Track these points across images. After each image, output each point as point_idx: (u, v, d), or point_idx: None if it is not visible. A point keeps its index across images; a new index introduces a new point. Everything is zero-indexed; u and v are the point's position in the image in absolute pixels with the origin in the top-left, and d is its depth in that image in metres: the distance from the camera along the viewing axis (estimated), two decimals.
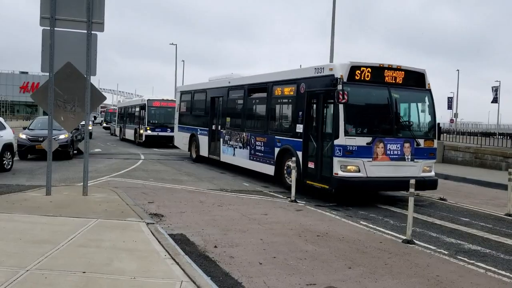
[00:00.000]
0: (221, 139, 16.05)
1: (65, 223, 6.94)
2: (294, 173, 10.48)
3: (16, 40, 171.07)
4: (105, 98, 9.82)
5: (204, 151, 17.60)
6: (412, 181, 7.35)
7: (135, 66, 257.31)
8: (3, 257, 5.20)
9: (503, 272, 6.02)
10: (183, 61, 52.88)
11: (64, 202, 8.46)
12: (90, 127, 28.60)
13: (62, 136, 16.88)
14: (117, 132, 35.27)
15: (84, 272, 4.82)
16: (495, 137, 24.32)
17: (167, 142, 25.32)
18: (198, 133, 18.12)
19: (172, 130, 22.87)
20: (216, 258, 6.05)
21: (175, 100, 23.76)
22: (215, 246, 6.57)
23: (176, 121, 20.84)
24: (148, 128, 25.66)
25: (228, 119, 15.82)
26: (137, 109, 28.55)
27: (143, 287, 4.56)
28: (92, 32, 9.13)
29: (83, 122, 32.88)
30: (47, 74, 9.08)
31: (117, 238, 6.23)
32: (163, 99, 27.07)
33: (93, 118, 37.23)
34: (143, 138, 25.98)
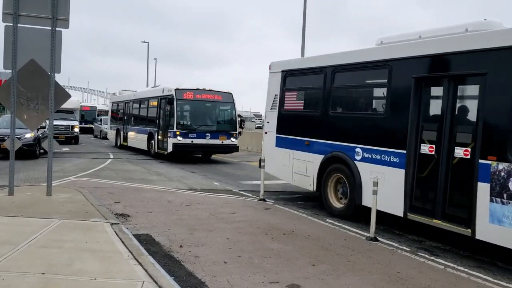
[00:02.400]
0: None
1: (27, 223, 6.79)
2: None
3: None
4: (70, 96, 9.63)
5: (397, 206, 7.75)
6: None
7: (106, 64, 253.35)
8: None
9: (461, 268, 6.21)
10: (155, 59, 52.27)
11: (27, 202, 8.27)
12: (76, 129, 27.12)
13: (28, 135, 16.46)
14: (111, 136, 27.35)
15: (44, 274, 4.74)
16: None
17: (207, 154, 20.12)
18: (363, 157, 8.41)
19: (216, 136, 18.35)
20: (181, 258, 6.03)
21: (221, 92, 19.04)
22: (181, 246, 6.55)
23: (272, 126, 10.99)
24: (177, 133, 17.54)
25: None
26: (155, 103, 20.14)
27: (103, 287, 4.51)
28: (57, 28, 8.95)
29: (73, 123, 28.68)
30: (7, 70, 8.89)
31: (79, 239, 6.14)
32: (203, 90, 18.54)
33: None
34: (169, 148, 17.80)
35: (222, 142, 18.41)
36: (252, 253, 6.36)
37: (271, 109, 11.13)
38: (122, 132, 24.77)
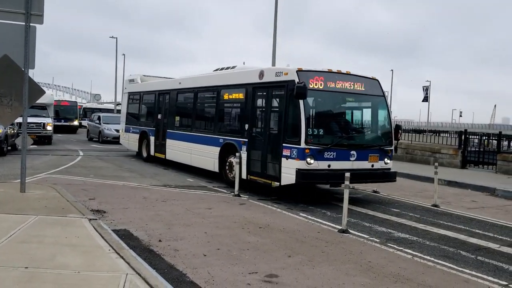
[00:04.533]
0: None
1: (3, 219, 6.75)
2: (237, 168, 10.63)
3: None
4: (44, 92, 9.55)
5: None
6: (347, 174, 7.82)
7: (70, 59, 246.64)
8: None
9: (428, 257, 6.60)
10: (124, 55, 51.42)
11: (0, 199, 8.19)
12: (49, 127, 23.14)
13: None
14: (128, 142, 19.29)
15: (27, 268, 4.80)
16: (425, 134, 25.88)
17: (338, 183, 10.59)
18: None
19: (364, 156, 10.60)
20: (161, 251, 6.17)
21: (364, 77, 11.11)
22: (160, 240, 6.68)
23: None
24: (307, 151, 9.73)
25: None
26: (240, 96, 12.23)
27: (88, 280, 4.61)
28: (31, 24, 8.86)
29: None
30: None
31: (59, 234, 6.18)
32: (338, 73, 10.67)
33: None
34: (287, 176, 10.01)
35: (373, 165, 10.68)
36: (230, 246, 6.55)
37: None
38: (153, 138, 16.64)
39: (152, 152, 16.82)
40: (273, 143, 10.57)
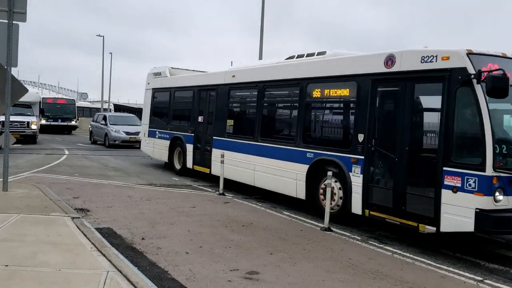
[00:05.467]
0: None
1: None
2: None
3: None
4: (27, 90, 9.51)
5: None
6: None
7: (55, 57, 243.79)
8: None
9: (407, 254, 6.72)
10: (111, 53, 51.01)
11: None
12: (34, 126, 22.14)
13: None
14: (153, 149, 15.64)
15: (7, 266, 4.80)
16: None
17: None
18: None
19: None
20: (144, 249, 6.20)
21: None
22: (143, 238, 6.71)
23: None
24: (495, 182, 6.32)
25: None
26: (344, 93, 8.84)
27: (68, 278, 4.63)
28: (14, 22, 8.81)
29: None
30: None
31: (41, 233, 6.18)
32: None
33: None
34: (468, 219, 6.35)
35: None
36: (212, 244, 6.61)
37: None
38: (191, 147, 13.18)
39: (189, 164, 13.27)
40: (421, 165, 7.33)
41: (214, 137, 12.16)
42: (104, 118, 24.77)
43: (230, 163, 11.07)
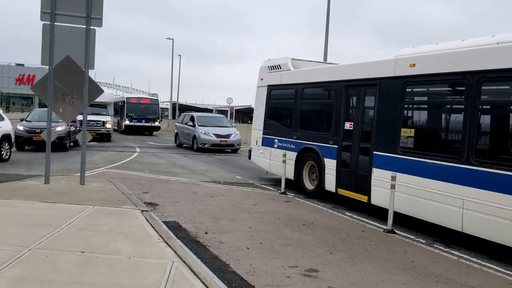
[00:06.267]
0: None
1: (63, 209, 7.31)
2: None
3: (12, 32, 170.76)
4: (102, 91, 10.16)
5: None
6: None
7: (127, 60, 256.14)
8: (7, 238, 5.56)
9: (475, 259, 6.45)
10: (180, 55, 52.94)
11: (62, 190, 8.82)
12: (109, 125, 23.21)
13: (59, 128, 17.14)
14: (269, 161, 12.41)
15: (83, 252, 5.21)
16: None
17: None
18: None
19: None
20: (206, 243, 6.45)
21: None
22: (206, 233, 6.96)
23: None
24: None
25: None
26: None
27: (137, 265, 4.94)
28: (91, 27, 9.46)
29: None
30: (44, 66, 9.49)
31: (113, 223, 6.62)
32: None
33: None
34: None
35: None
36: (273, 241, 6.72)
37: None
38: (335, 163, 10.03)
39: (329, 186, 10.17)
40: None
41: (375, 152, 8.88)
42: (192, 119, 22.57)
43: (408, 192, 7.99)
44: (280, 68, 12.38)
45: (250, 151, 13.64)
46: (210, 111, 65.59)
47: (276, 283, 5.06)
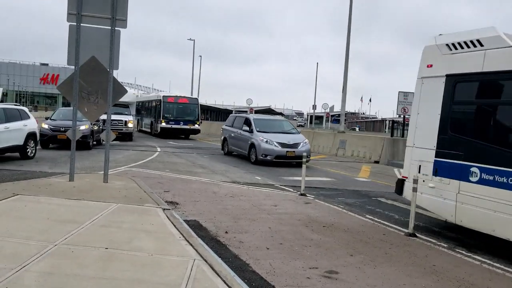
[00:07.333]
0: None
1: (88, 206, 7.46)
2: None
3: (37, 32, 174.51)
4: (126, 91, 10.35)
5: None
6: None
7: (148, 61, 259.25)
8: (34, 233, 5.72)
9: (498, 265, 6.35)
10: (200, 56, 53.34)
11: (86, 188, 9.00)
12: (131, 125, 23.12)
13: (82, 127, 17.46)
14: (469, 207, 7.04)
15: (107, 248, 5.32)
16: None
17: None
18: None
19: None
20: (227, 242, 6.50)
21: None
22: (226, 232, 7.03)
23: None
24: None
25: None
26: None
27: (159, 262, 5.03)
28: (116, 28, 9.64)
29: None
30: (68, 66, 9.72)
31: (135, 221, 6.73)
32: None
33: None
34: None
35: None
36: (292, 242, 6.74)
37: None
38: None
39: None
40: None
41: None
42: (247, 122, 18.02)
43: None
44: (482, 45, 7.21)
45: (401, 182, 8.72)
46: (230, 111, 65.88)
47: (296, 283, 5.09)
